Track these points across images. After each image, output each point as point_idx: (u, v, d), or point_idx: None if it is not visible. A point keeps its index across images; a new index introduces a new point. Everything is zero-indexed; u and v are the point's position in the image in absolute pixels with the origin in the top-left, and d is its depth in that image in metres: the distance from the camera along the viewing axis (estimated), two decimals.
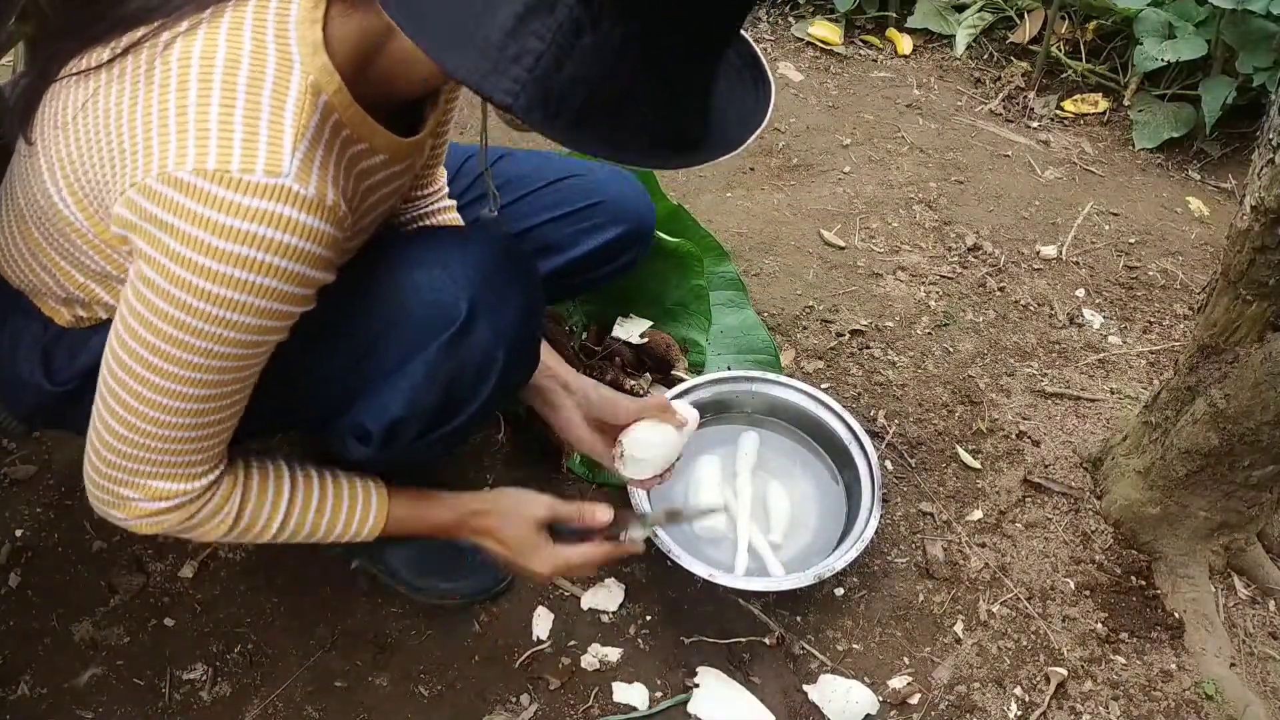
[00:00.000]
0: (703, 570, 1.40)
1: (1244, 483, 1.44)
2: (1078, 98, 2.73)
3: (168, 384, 0.90)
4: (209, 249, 0.82)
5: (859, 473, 1.56)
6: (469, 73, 0.72)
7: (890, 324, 1.98)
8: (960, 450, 1.73)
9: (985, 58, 2.89)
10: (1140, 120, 2.60)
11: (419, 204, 1.33)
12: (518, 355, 1.13)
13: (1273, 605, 1.55)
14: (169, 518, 1.01)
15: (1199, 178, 2.53)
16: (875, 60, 2.88)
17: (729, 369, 1.73)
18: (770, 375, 1.68)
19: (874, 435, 1.72)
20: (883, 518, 1.57)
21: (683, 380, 1.66)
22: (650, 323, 1.75)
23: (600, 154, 0.79)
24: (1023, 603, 1.52)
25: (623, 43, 0.72)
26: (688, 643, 1.44)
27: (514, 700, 1.36)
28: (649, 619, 1.46)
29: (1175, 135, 2.55)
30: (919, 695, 1.40)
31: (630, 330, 1.70)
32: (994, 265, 2.15)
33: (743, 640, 1.44)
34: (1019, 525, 1.63)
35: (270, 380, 0.99)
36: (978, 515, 1.63)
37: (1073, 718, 1.40)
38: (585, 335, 1.73)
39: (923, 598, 1.52)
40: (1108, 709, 1.41)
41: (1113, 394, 1.86)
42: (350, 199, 0.95)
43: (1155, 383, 1.84)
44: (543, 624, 1.44)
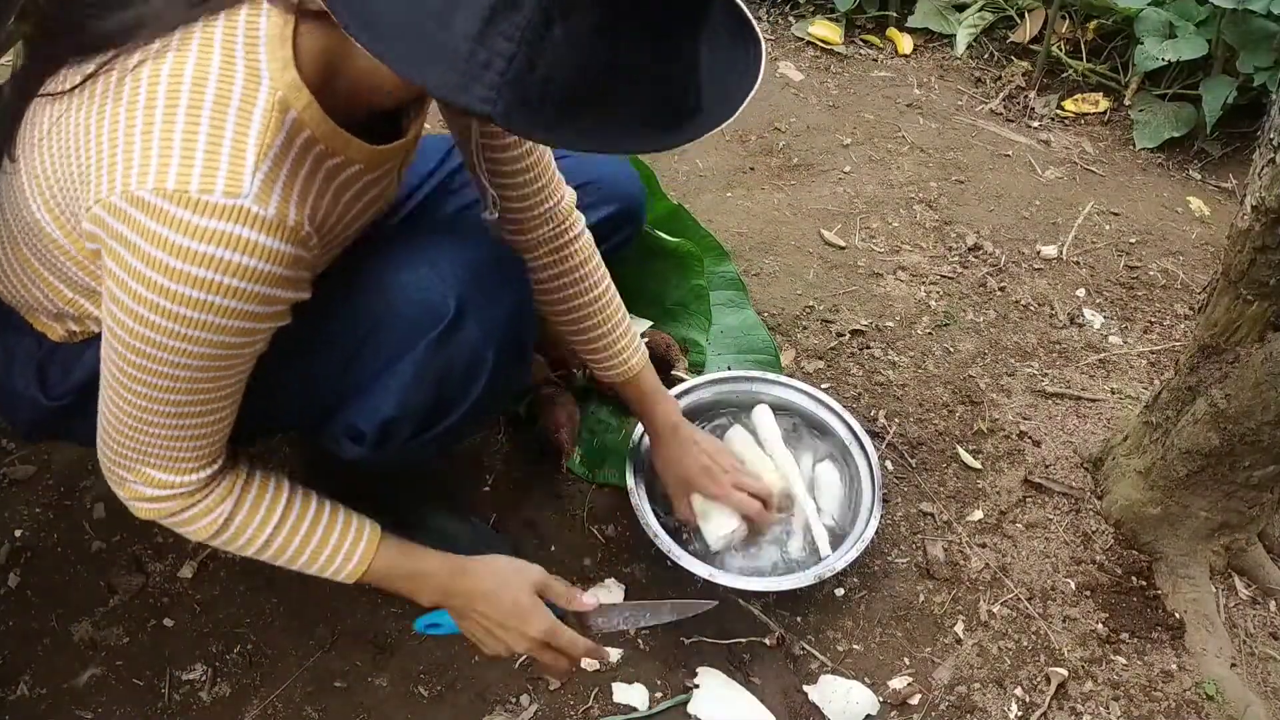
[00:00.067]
0: (703, 570, 1.40)
1: (1245, 483, 1.44)
2: (1078, 97, 2.73)
3: (144, 390, 0.92)
4: (167, 269, 0.82)
5: (859, 473, 1.55)
6: (439, 86, 0.70)
7: (890, 324, 1.98)
8: (961, 450, 1.73)
9: (986, 57, 2.89)
10: (1141, 120, 2.60)
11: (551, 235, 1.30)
12: (508, 355, 1.12)
13: (1273, 605, 1.55)
14: (161, 506, 1.03)
15: (1200, 177, 2.53)
16: (875, 60, 2.88)
17: (729, 369, 1.73)
18: (770, 375, 1.68)
19: (874, 435, 1.72)
20: (883, 518, 1.57)
21: (683, 380, 1.66)
22: (650, 323, 1.75)
23: (590, 149, 0.77)
24: (1023, 603, 1.52)
25: (596, 28, 0.70)
26: (688, 643, 1.43)
27: (514, 700, 1.36)
28: None
29: (1176, 135, 2.55)
30: (919, 696, 1.40)
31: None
32: (994, 265, 2.15)
33: (743, 640, 1.44)
34: (1019, 525, 1.62)
35: (261, 382, 0.99)
36: (978, 515, 1.63)
37: (1073, 718, 1.40)
38: None
39: (923, 598, 1.52)
40: (1108, 709, 1.40)
41: (1113, 394, 1.86)
42: (326, 213, 0.95)
43: (1156, 383, 1.84)
44: None
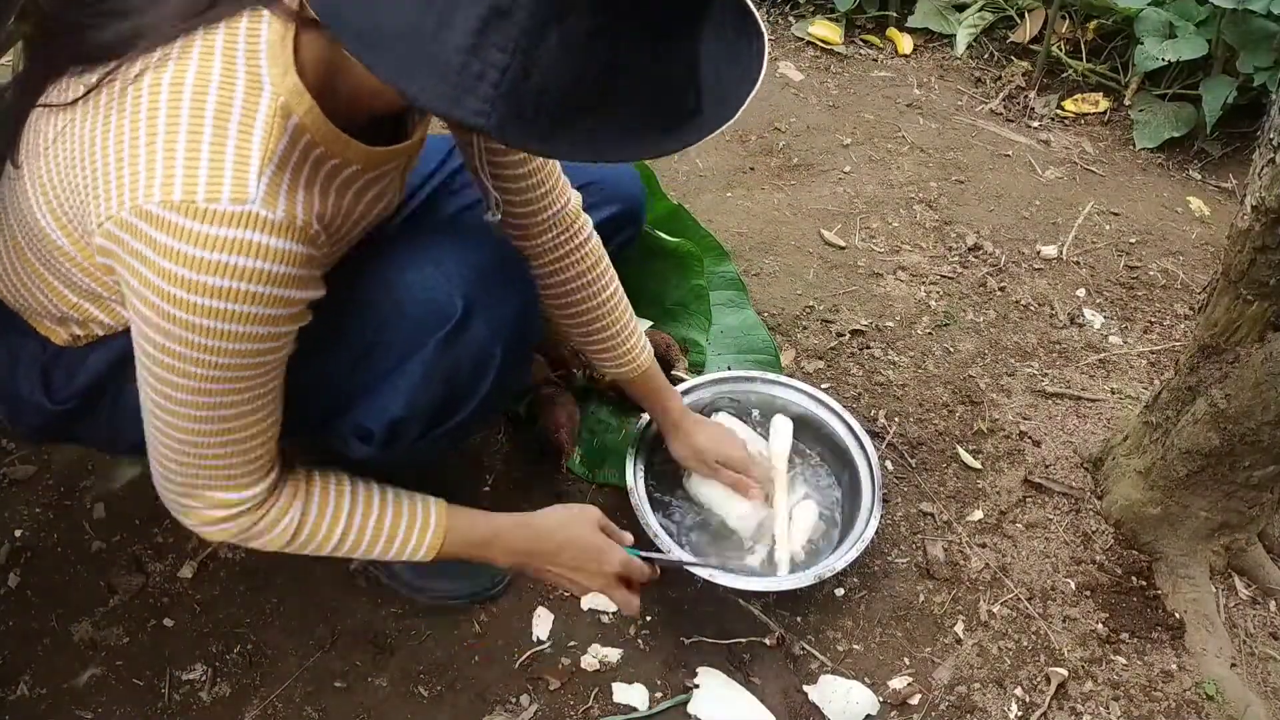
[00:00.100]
0: (703, 571, 1.40)
1: (1245, 483, 1.44)
2: (1078, 97, 2.73)
3: (188, 410, 0.92)
4: (183, 281, 0.82)
5: (859, 473, 1.55)
6: (431, 98, 0.69)
7: (890, 324, 1.98)
8: (961, 450, 1.73)
9: (986, 57, 2.89)
10: (1141, 120, 2.60)
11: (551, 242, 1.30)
12: (514, 354, 1.12)
13: (1273, 605, 1.55)
14: (231, 525, 1.03)
15: (1200, 177, 2.53)
16: (875, 60, 2.88)
17: (729, 369, 1.73)
18: (770, 375, 1.68)
19: (874, 435, 1.72)
20: (883, 518, 1.57)
21: (683, 380, 1.66)
22: (650, 323, 1.75)
23: (586, 158, 0.76)
24: (1023, 603, 1.52)
25: (593, 32, 0.69)
26: (688, 643, 1.43)
27: (514, 700, 1.36)
28: (649, 619, 1.46)
29: (1176, 135, 2.55)
30: (919, 696, 1.40)
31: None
32: (994, 265, 2.15)
33: (743, 640, 1.44)
34: (1019, 525, 1.62)
35: None
36: (978, 515, 1.63)
37: (1073, 718, 1.40)
38: None
39: (923, 598, 1.52)
40: (1108, 709, 1.40)
41: (1113, 394, 1.86)
42: (333, 214, 0.96)
43: (1156, 383, 1.84)
44: (543, 624, 1.44)
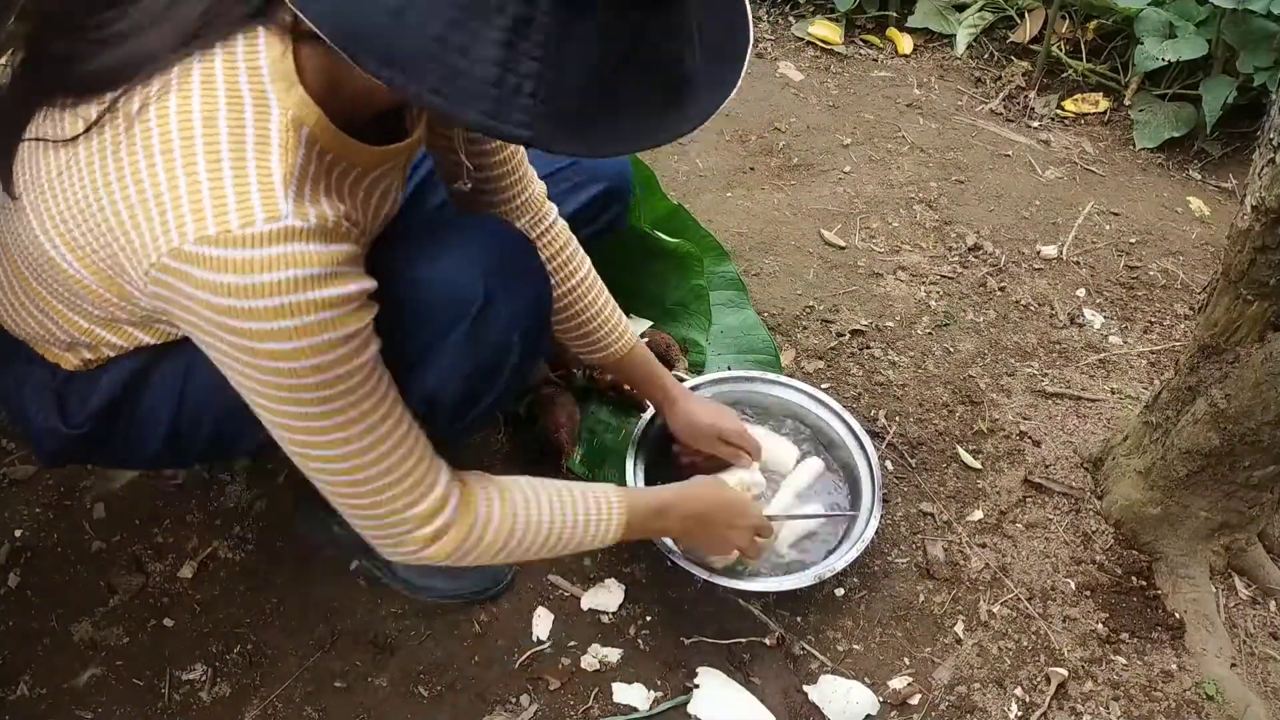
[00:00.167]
0: (702, 571, 1.40)
1: (1245, 483, 1.44)
2: (1078, 97, 2.73)
3: (336, 436, 0.92)
4: (250, 313, 0.82)
5: (859, 473, 1.55)
6: (475, 116, 0.71)
7: (890, 324, 1.98)
8: (961, 450, 1.73)
9: (986, 57, 2.89)
10: (1141, 120, 2.60)
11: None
12: (532, 343, 1.14)
13: (1273, 605, 1.55)
14: (450, 536, 1.02)
15: (1200, 177, 2.53)
16: (875, 60, 2.88)
17: (729, 369, 1.73)
18: (770, 375, 1.68)
19: (874, 435, 1.72)
20: (883, 518, 1.57)
21: (683, 380, 1.66)
22: (650, 323, 1.75)
23: (624, 151, 0.78)
24: (1023, 603, 1.52)
25: (607, 24, 0.71)
26: (688, 643, 1.43)
27: (514, 700, 1.36)
28: (649, 619, 1.46)
29: (1176, 135, 2.55)
30: (919, 696, 1.40)
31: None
32: (994, 265, 2.15)
33: (743, 641, 1.44)
34: (1019, 525, 1.62)
35: None
36: (978, 515, 1.63)
37: (1073, 718, 1.40)
38: None
39: (923, 598, 1.52)
40: (1108, 709, 1.40)
41: (1113, 394, 1.86)
42: (349, 211, 0.96)
43: (1156, 383, 1.84)
44: (543, 624, 1.44)
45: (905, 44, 2.91)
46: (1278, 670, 1.47)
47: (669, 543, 1.42)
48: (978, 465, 1.71)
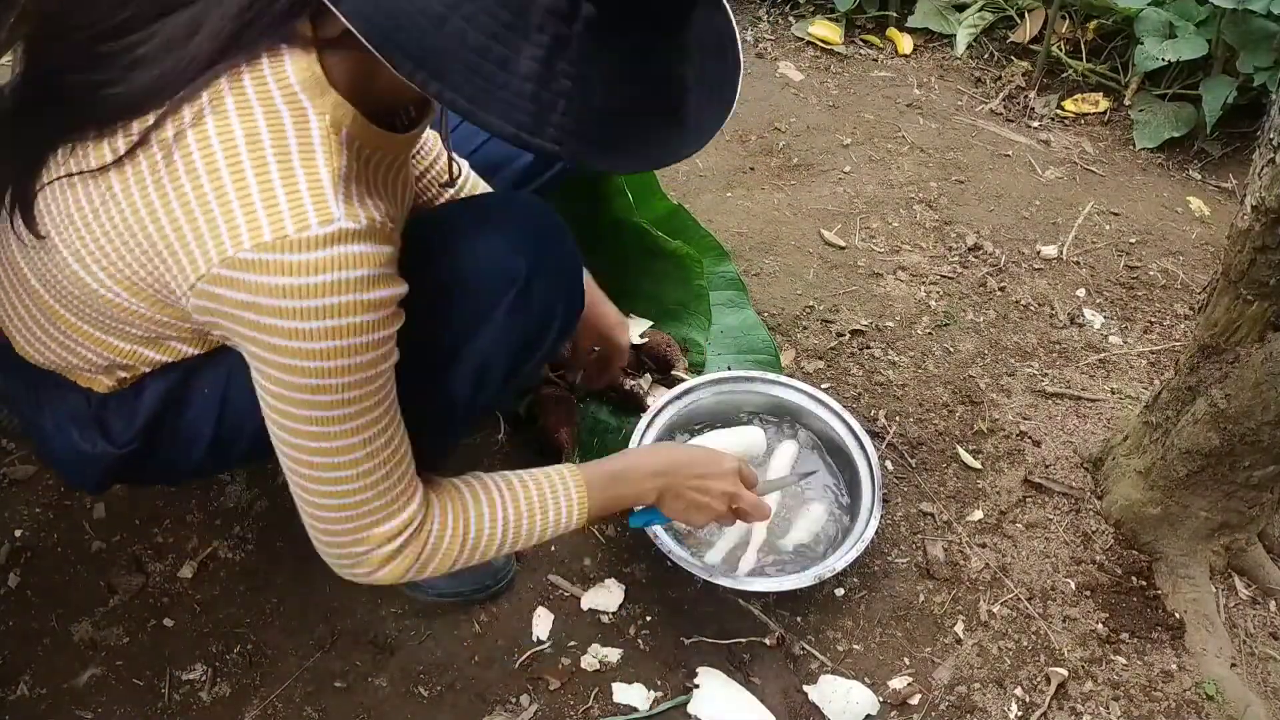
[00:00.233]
0: (702, 571, 1.40)
1: (1245, 483, 1.44)
2: (1078, 97, 2.73)
3: (340, 443, 0.93)
4: (299, 313, 0.84)
5: (859, 473, 1.55)
6: (512, 128, 0.74)
7: (890, 324, 1.98)
8: (961, 450, 1.73)
9: (986, 57, 2.89)
10: (1141, 120, 2.60)
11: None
12: (574, 312, 1.19)
13: (1273, 605, 1.55)
14: (403, 556, 1.03)
15: (1200, 177, 2.53)
16: (875, 60, 2.88)
17: (729, 369, 1.73)
18: (770, 375, 1.68)
19: (874, 435, 1.72)
20: (883, 518, 1.57)
21: (683, 380, 1.66)
22: (650, 323, 1.75)
23: (643, 168, 0.83)
24: (1023, 603, 1.52)
25: (634, 47, 0.75)
26: (688, 643, 1.43)
27: (514, 700, 1.36)
28: (649, 619, 1.46)
29: (1176, 135, 2.55)
30: (919, 696, 1.40)
31: (630, 330, 1.70)
32: (994, 265, 2.15)
33: (743, 641, 1.44)
34: (1019, 525, 1.62)
35: None
36: (978, 515, 1.63)
37: (1073, 718, 1.40)
38: None
39: (923, 598, 1.52)
40: (1108, 709, 1.40)
41: (1113, 394, 1.86)
42: (387, 204, 0.97)
43: (1156, 383, 1.84)
44: (543, 624, 1.44)
45: (905, 44, 2.91)
46: (1278, 670, 1.47)
47: (669, 542, 1.42)
48: (978, 465, 1.71)
